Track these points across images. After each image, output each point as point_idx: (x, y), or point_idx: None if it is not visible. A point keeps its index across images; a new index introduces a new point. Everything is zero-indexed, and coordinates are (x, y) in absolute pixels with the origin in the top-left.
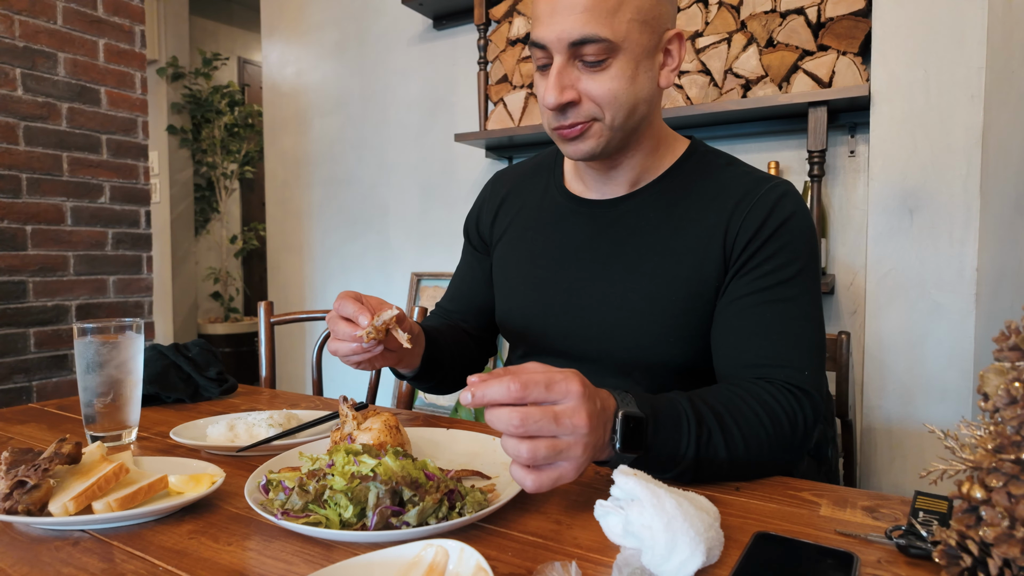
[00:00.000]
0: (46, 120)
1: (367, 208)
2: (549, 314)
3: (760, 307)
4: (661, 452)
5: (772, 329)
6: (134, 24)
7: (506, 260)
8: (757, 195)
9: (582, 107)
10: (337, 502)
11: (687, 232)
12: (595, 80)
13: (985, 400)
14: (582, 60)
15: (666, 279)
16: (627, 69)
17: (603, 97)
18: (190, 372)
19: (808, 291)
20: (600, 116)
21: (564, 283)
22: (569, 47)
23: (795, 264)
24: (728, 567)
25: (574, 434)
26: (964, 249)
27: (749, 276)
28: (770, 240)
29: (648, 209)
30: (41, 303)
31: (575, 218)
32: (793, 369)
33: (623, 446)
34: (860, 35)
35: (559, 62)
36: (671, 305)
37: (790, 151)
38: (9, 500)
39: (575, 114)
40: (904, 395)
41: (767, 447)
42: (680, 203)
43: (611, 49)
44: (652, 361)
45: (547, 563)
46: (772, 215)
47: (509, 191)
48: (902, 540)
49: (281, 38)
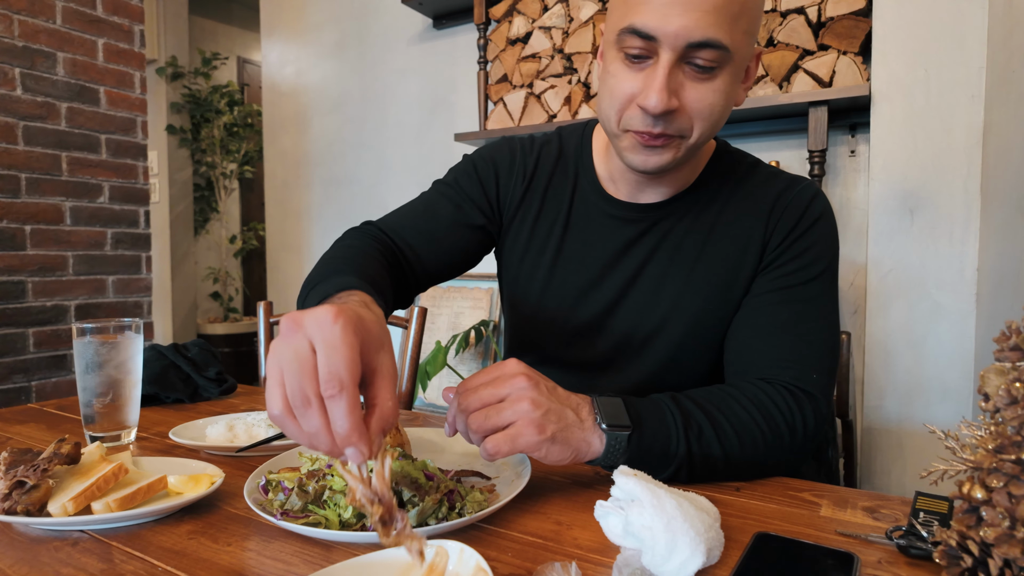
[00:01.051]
0: (45, 120)
1: (367, 208)
2: (580, 327)
3: (778, 305)
4: (652, 441)
5: (786, 328)
6: (133, 24)
7: (530, 257)
8: (790, 197)
9: (679, 118)
10: (337, 502)
11: (722, 239)
12: (699, 89)
13: (986, 400)
14: (691, 64)
15: (698, 286)
16: (731, 82)
17: (702, 111)
18: (189, 372)
19: (826, 293)
20: (688, 133)
21: (598, 295)
22: (687, 48)
23: (819, 264)
24: (728, 567)
25: (516, 389)
26: (965, 249)
27: (773, 273)
28: (800, 239)
29: (683, 216)
30: (40, 303)
31: (609, 222)
32: (800, 370)
33: (608, 420)
34: (860, 35)
35: (668, 60)
36: (701, 312)
37: (790, 151)
38: (8, 500)
39: (668, 125)
40: (905, 395)
41: (763, 445)
42: (712, 208)
43: (724, 59)
44: (685, 376)
45: (547, 564)
46: (804, 216)
47: (540, 169)
48: (903, 540)
49: (280, 38)
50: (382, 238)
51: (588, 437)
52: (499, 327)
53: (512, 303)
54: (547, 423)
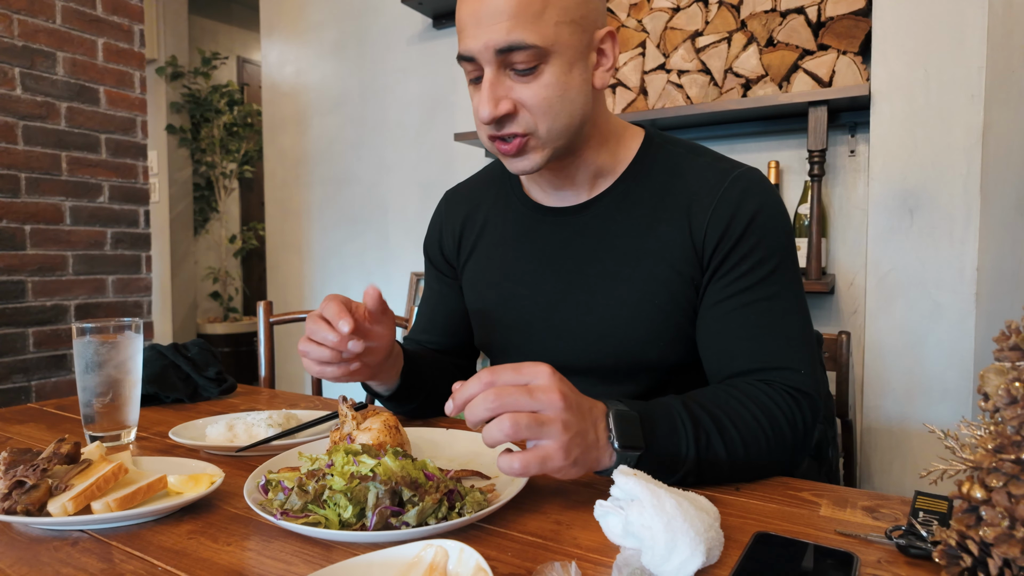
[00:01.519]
0: (45, 119)
1: (366, 208)
2: (530, 330)
3: (742, 310)
4: (662, 453)
5: (759, 331)
6: (133, 23)
7: (477, 281)
8: (719, 191)
9: (518, 118)
10: (336, 502)
11: (657, 231)
12: (528, 88)
13: (985, 400)
14: (513, 69)
15: (644, 281)
16: (559, 74)
17: (537, 106)
18: (189, 372)
19: (788, 285)
20: (534, 129)
21: (541, 297)
22: (497, 55)
23: (771, 260)
24: (728, 567)
25: (551, 408)
26: (964, 249)
27: (726, 279)
28: (741, 240)
29: (615, 211)
30: (40, 303)
31: (542, 227)
32: (790, 371)
33: (621, 442)
34: (860, 34)
35: (490, 73)
36: (652, 308)
37: (790, 151)
38: (8, 500)
39: (512, 125)
40: (904, 395)
41: (766, 450)
42: (646, 201)
43: (541, 55)
44: (641, 366)
45: (547, 563)
46: (738, 213)
47: (469, 210)
48: (902, 540)
49: (280, 37)
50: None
51: (600, 456)
52: None
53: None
54: (573, 447)
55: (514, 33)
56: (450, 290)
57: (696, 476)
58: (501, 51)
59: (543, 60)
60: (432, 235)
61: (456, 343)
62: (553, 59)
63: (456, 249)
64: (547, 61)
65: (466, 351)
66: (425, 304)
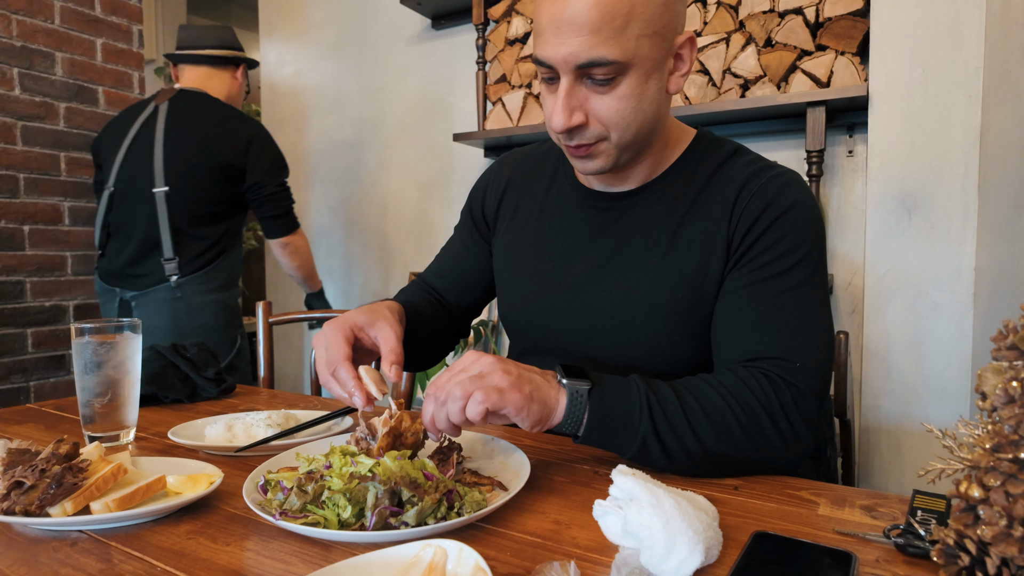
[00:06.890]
0: (44, 120)
1: (366, 208)
2: (552, 309)
3: (755, 298)
4: (614, 405)
5: (764, 320)
6: (132, 24)
7: (509, 251)
8: (758, 184)
9: (589, 129)
10: (336, 502)
11: (692, 227)
12: (603, 100)
13: (983, 399)
14: (590, 79)
15: (670, 276)
16: (636, 86)
17: (611, 118)
18: (188, 372)
19: (807, 283)
20: (607, 136)
21: (567, 278)
22: (578, 68)
23: (792, 256)
24: (727, 567)
25: (487, 366)
26: (962, 249)
27: (745, 268)
28: (768, 230)
29: (654, 203)
30: (39, 303)
31: (582, 210)
32: (783, 361)
33: (568, 374)
34: (858, 35)
35: (566, 83)
36: (675, 303)
37: (788, 151)
38: (7, 500)
39: (581, 136)
40: (903, 394)
41: (737, 426)
42: (685, 197)
43: (621, 69)
44: (656, 360)
45: (546, 563)
46: (772, 204)
47: (515, 175)
48: (900, 539)
49: (279, 38)
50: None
51: (555, 395)
52: (497, 327)
53: (500, 298)
54: (523, 384)
55: (595, 50)
56: (478, 249)
57: (660, 445)
58: (583, 65)
59: (622, 72)
60: (477, 190)
61: (466, 300)
62: (632, 72)
63: (496, 210)
64: (625, 73)
65: (471, 308)
66: (449, 252)
